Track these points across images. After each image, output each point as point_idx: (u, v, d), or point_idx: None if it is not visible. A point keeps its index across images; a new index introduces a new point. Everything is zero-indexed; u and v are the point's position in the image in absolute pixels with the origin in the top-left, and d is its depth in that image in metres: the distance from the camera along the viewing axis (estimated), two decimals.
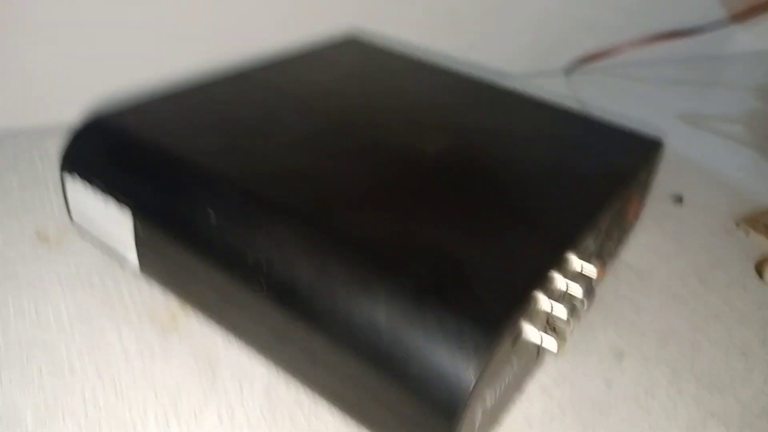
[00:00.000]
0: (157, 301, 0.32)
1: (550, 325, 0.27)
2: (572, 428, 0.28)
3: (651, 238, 0.41)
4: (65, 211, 0.35)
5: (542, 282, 0.24)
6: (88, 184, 0.30)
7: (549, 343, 0.26)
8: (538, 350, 0.27)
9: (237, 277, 0.25)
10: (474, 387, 0.20)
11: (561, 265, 0.26)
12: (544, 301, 0.25)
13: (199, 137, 0.30)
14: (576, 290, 0.27)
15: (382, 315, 0.22)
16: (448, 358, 0.21)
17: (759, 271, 0.39)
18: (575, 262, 0.28)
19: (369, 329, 0.22)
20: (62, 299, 0.32)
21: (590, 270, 0.28)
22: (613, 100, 0.61)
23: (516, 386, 0.28)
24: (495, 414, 0.26)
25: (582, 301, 0.27)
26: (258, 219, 0.26)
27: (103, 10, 0.46)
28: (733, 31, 0.76)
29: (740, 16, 0.62)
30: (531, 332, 0.25)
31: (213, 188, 0.27)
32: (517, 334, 0.23)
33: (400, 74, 0.41)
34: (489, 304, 0.22)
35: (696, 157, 0.52)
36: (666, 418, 0.29)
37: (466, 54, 0.62)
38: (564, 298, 0.26)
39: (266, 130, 0.31)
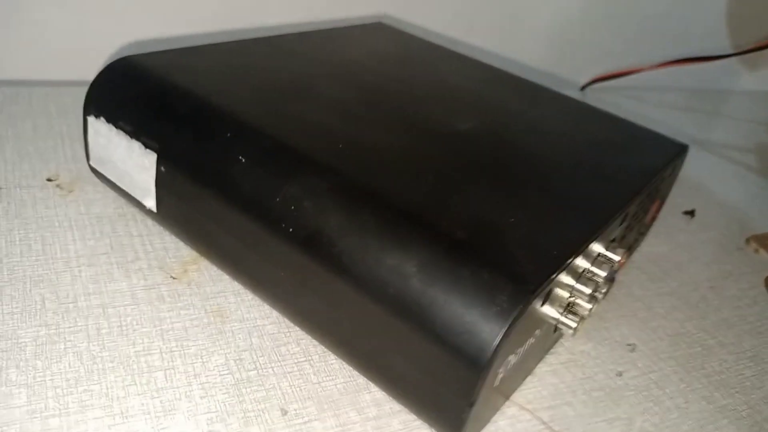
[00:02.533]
0: (170, 252, 0.31)
1: (569, 307, 0.27)
2: (583, 411, 0.27)
3: (663, 247, 0.41)
4: (78, 160, 0.35)
5: (574, 255, 0.24)
6: (112, 125, 0.30)
7: (568, 320, 0.26)
8: (555, 328, 0.27)
9: (262, 218, 0.25)
10: (503, 338, 0.20)
11: (589, 246, 0.26)
12: (571, 276, 0.25)
13: (231, 87, 0.30)
14: (600, 272, 0.27)
15: (413, 263, 0.22)
16: (479, 309, 0.21)
17: None
18: (602, 246, 0.27)
19: (398, 276, 0.22)
20: (72, 241, 0.31)
21: (615, 256, 0.28)
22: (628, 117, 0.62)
23: (528, 365, 0.28)
24: (506, 388, 0.26)
25: (604, 284, 0.27)
26: (290, 168, 0.25)
27: None
28: (739, 68, 0.78)
29: (746, 53, 0.63)
30: (553, 306, 0.25)
31: (246, 136, 0.27)
32: (547, 297, 0.23)
33: (431, 59, 0.41)
34: (524, 264, 0.22)
35: (707, 180, 0.53)
36: (677, 412, 0.28)
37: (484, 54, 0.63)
38: (587, 278, 0.26)
39: (301, 91, 0.31)
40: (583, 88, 0.66)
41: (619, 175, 0.30)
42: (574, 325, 0.26)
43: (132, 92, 0.30)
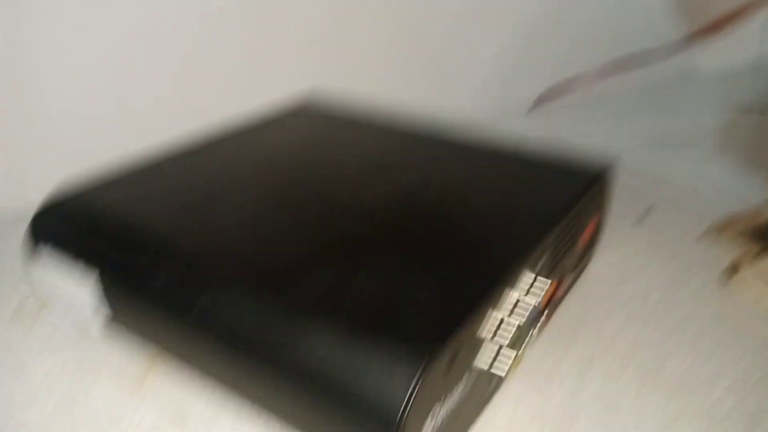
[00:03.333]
0: (126, 360, 0.33)
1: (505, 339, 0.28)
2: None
3: (618, 256, 0.42)
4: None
5: (488, 299, 0.26)
6: (57, 253, 0.32)
7: (504, 355, 0.27)
8: (493, 362, 0.28)
9: (186, 326, 0.28)
10: (408, 407, 0.21)
11: (512, 282, 0.27)
12: (491, 318, 0.26)
13: (155, 210, 0.33)
14: (527, 304, 0.28)
15: (321, 350, 0.24)
16: (382, 382, 0.22)
17: (729, 276, 0.40)
18: (526, 279, 0.29)
19: (307, 364, 0.24)
20: (39, 365, 0.33)
21: (541, 286, 0.29)
22: (577, 133, 0.63)
23: (479, 399, 0.29)
24: (457, 426, 0.27)
25: (535, 312, 0.28)
26: (203, 276, 0.28)
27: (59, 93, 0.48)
28: (692, 52, 0.78)
29: (699, 35, 0.63)
30: (480, 348, 0.26)
31: (165, 253, 0.30)
32: (457, 350, 0.24)
33: (350, 138, 0.43)
34: (425, 327, 0.24)
35: (665, 175, 0.54)
36: (636, 418, 0.29)
37: (428, 101, 0.64)
38: (516, 312, 0.28)
39: (218, 201, 0.34)
40: (532, 109, 0.67)
41: (528, 221, 0.31)
42: (509, 361, 0.27)
43: (71, 224, 0.33)
